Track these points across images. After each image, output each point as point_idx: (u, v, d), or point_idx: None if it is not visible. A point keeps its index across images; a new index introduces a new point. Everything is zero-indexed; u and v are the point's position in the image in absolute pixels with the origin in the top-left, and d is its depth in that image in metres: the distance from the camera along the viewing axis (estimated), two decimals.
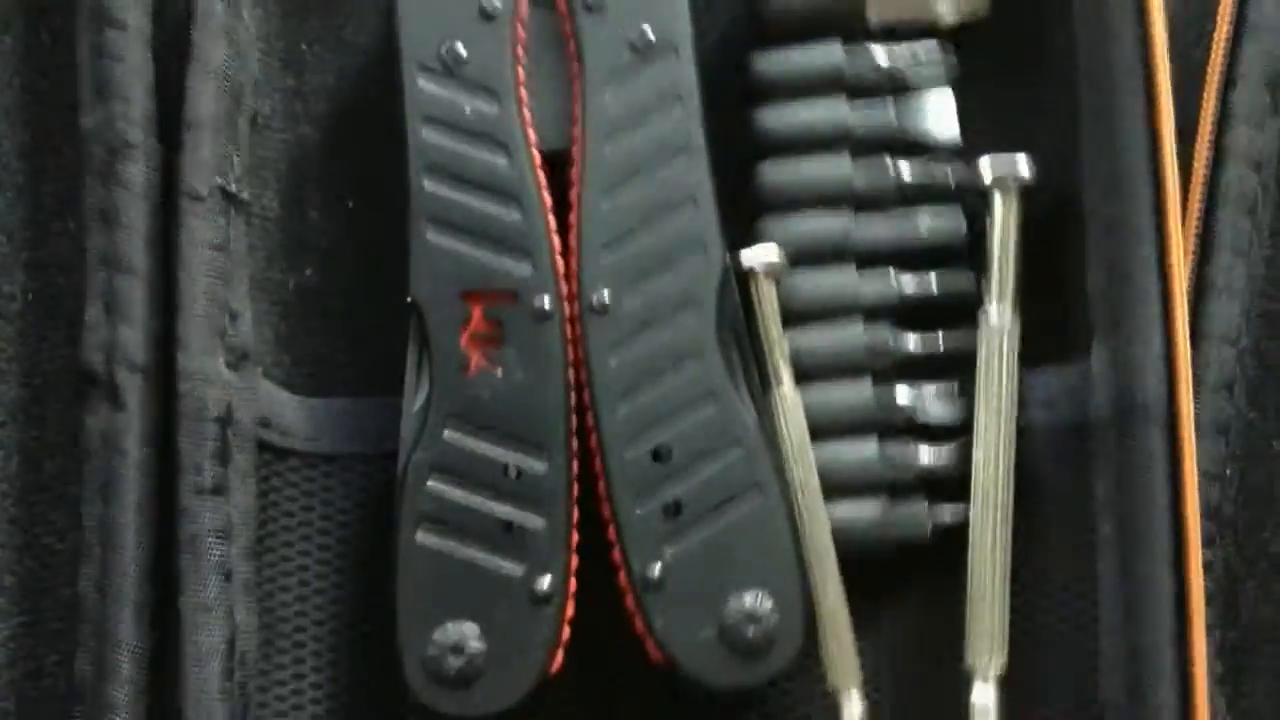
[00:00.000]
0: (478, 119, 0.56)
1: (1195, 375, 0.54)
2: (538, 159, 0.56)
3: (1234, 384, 0.55)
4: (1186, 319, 0.53)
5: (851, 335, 0.58)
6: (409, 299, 0.56)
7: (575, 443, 0.55)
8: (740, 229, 0.58)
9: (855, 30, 0.59)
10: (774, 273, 0.58)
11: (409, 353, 0.56)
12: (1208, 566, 0.54)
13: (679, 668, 0.55)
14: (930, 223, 0.59)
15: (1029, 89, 0.60)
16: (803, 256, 0.58)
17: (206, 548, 0.55)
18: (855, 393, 0.58)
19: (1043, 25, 0.59)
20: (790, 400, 0.57)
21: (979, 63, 0.60)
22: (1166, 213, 0.54)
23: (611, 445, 0.55)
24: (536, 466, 0.55)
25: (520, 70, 0.57)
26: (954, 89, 0.59)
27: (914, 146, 0.59)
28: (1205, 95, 0.58)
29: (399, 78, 0.57)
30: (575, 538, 0.55)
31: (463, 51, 0.56)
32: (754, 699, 0.57)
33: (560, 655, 0.55)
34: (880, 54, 0.59)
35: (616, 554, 0.55)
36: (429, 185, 0.56)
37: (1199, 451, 0.54)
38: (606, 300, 0.56)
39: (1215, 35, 0.58)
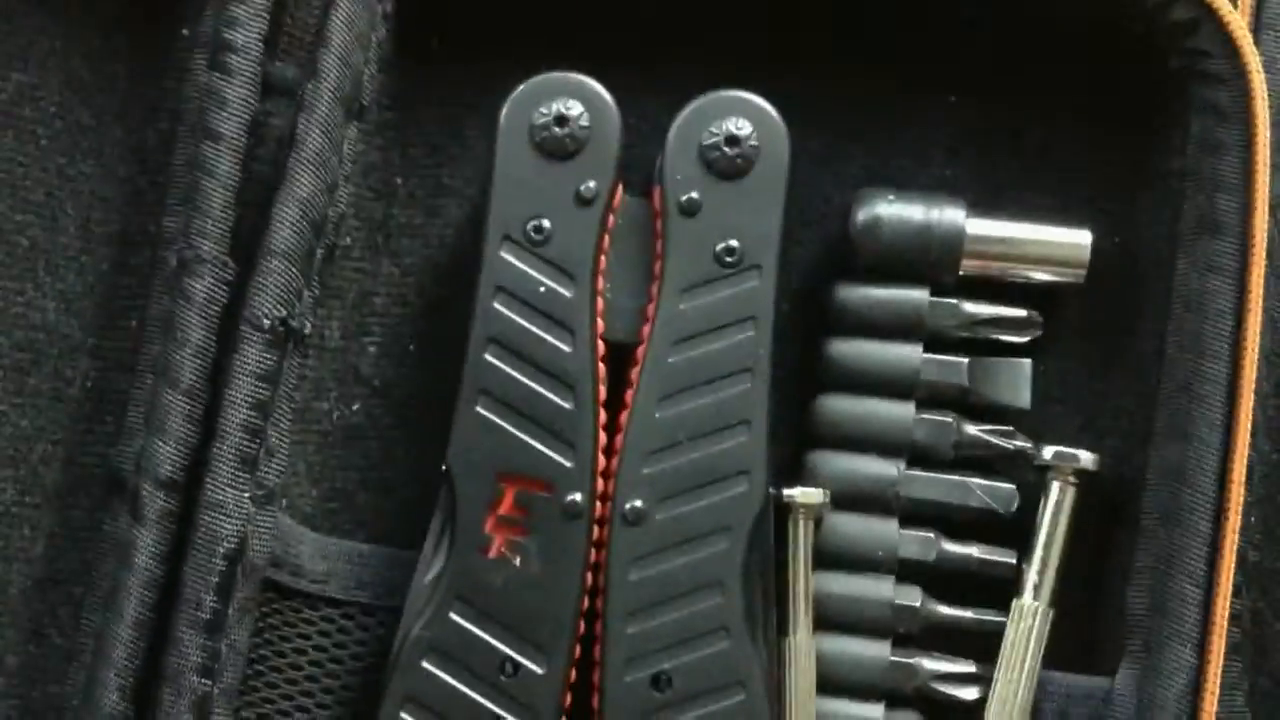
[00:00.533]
0: (551, 299, 0.56)
1: None
2: (602, 349, 0.55)
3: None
4: (1220, 664, 0.53)
5: (881, 591, 0.57)
6: (444, 466, 0.55)
7: (579, 649, 0.54)
8: (790, 456, 0.58)
9: (946, 278, 0.58)
10: (814, 514, 0.57)
11: (433, 520, 0.55)
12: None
13: None
14: (981, 492, 0.57)
15: (1108, 374, 0.59)
16: (846, 499, 0.57)
17: (189, 684, 0.54)
18: (873, 653, 0.56)
19: (1136, 318, 0.58)
20: (804, 650, 0.56)
21: (1065, 335, 0.59)
22: (1223, 553, 0.53)
23: (613, 663, 0.54)
24: (534, 667, 0.54)
25: (603, 258, 0.56)
26: (1034, 357, 0.58)
27: (982, 409, 0.58)
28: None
29: (482, 241, 0.56)
30: None
31: (549, 228, 0.55)
32: None
33: None
34: (965, 310, 0.58)
35: None
36: (488, 356, 0.56)
37: None
38: (640, 509, 0.55)
39: None
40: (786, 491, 0.56)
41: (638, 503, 0.54)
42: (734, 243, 0.56)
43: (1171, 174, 0.57)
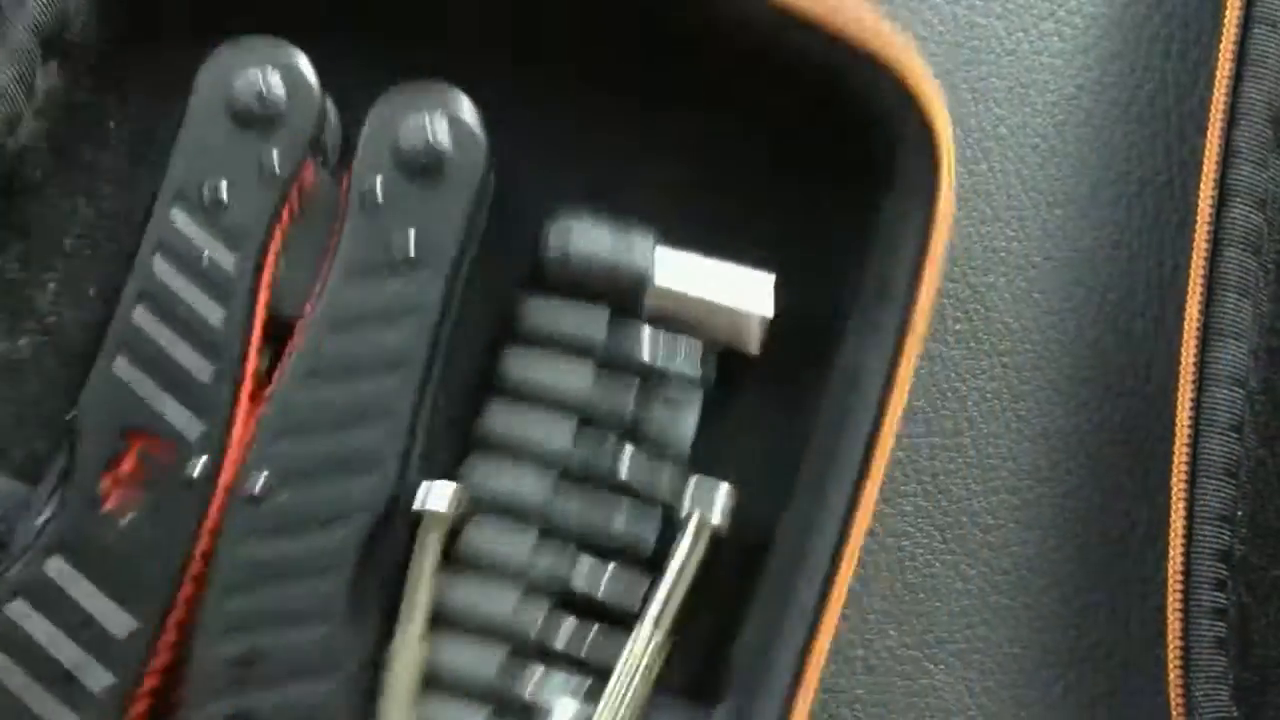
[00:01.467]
0: (212, 267, 0.55)
1: (1204, 417, 0.55)
2: (258, 327, 0.55)
3: (1243, 425, 0.55)
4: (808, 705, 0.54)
5: (503, 602, 0.56)
6: (72, 414, 0.54)
7: (171, 618, 0.54)
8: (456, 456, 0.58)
9: (633, 305, 0.58)
10: (440, 521, 0.56)
11: (52, 465, 0.55)
12: (1220, 611, 0.54)
13: None
14: (624, 523, 0.57)
15: (774, 429, 0.59)
16: (494, 506, 0.57)
17: None
18: (483, 660, 0.56)
19: (799, 395, 0.59)
20: (411, 648, 0.55)
21: (737, 384, 0.59)
22: (830, 596, 0.54)
23: (206, 634, 0.54)
24: (123, 625, 0.53)
25: (279, 233, 0.55)
26: (705, 398, 0.58)
27: (644, 439, 0.58)
28: (1209, 133, 0.58)
29: (154, 196, 0.55)
30: (138, 709, 0.53)
31: (226, 197, 0.55)
32: None
33: None
34: (645, 338, 0.58)
35: None
36: (137, 314, 0.55)
37: (1210, 493, 0.55)
38: (259, 487, 0.54)
39: (1217, 72, 0.58)
40: (418, 500, 0.56)
41: (260, 480, 0.54)
42: (410, 240, 0.55)
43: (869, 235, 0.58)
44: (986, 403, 0.63)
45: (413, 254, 0.55)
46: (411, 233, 0.56)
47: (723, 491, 0.57)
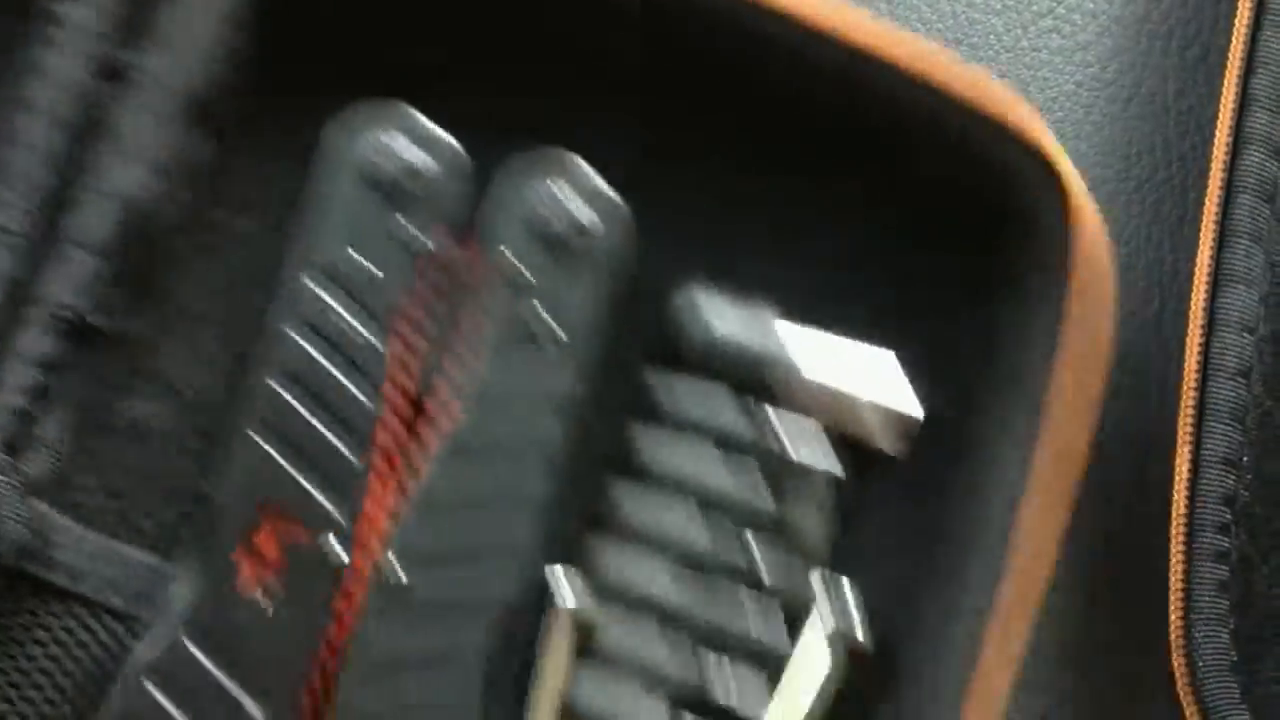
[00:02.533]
0: (351, 340, 0.53)
1: (1212, 361, 0.56)
2: (400, 405, 0.54)
3: (1250, 371, 0.55)
4: None
5: (634, 702, 0.54)
6: (206, 489, 0.54)
7: (305, 701, 0.53)
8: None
9: (764, 388, 0.56)
10: (570, 619, 0.54)
11: (185, 541, 0.54)
12: (1223, 554, 0.55)
13: None
14: (759, 626, 0.55)
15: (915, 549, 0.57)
16: (623, 598, 0.55)
17: None
18: None
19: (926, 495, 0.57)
20: None
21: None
22: None
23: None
24: (255, 713, 0.52)
25: (422, 310, 0.54)
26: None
27: (781, 536, 0.56)
28: (1226, 80, 0.58)
29: (287, 262, 0.54)
30: None
31: (365, 265, 0.54)
32: None
33: None
34: (782, 429, 0.56)
35: None
36: (276, 385, 0.53)
37: (1217, 436, 0.55)
38: (403, 579, 0.53)
39: (1236, 20, 0.58)
40: (554, 583, 0.54)
41: (404, 570, 0.53)
42: (548, 317, 0.54)
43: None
44: None
45: (562, 336, 0.54)
46: (551, 309, 0.54)
47: (854, 619, 0.55)
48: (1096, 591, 0.62)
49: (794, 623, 0.55)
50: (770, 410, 0.55)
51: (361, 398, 0.53)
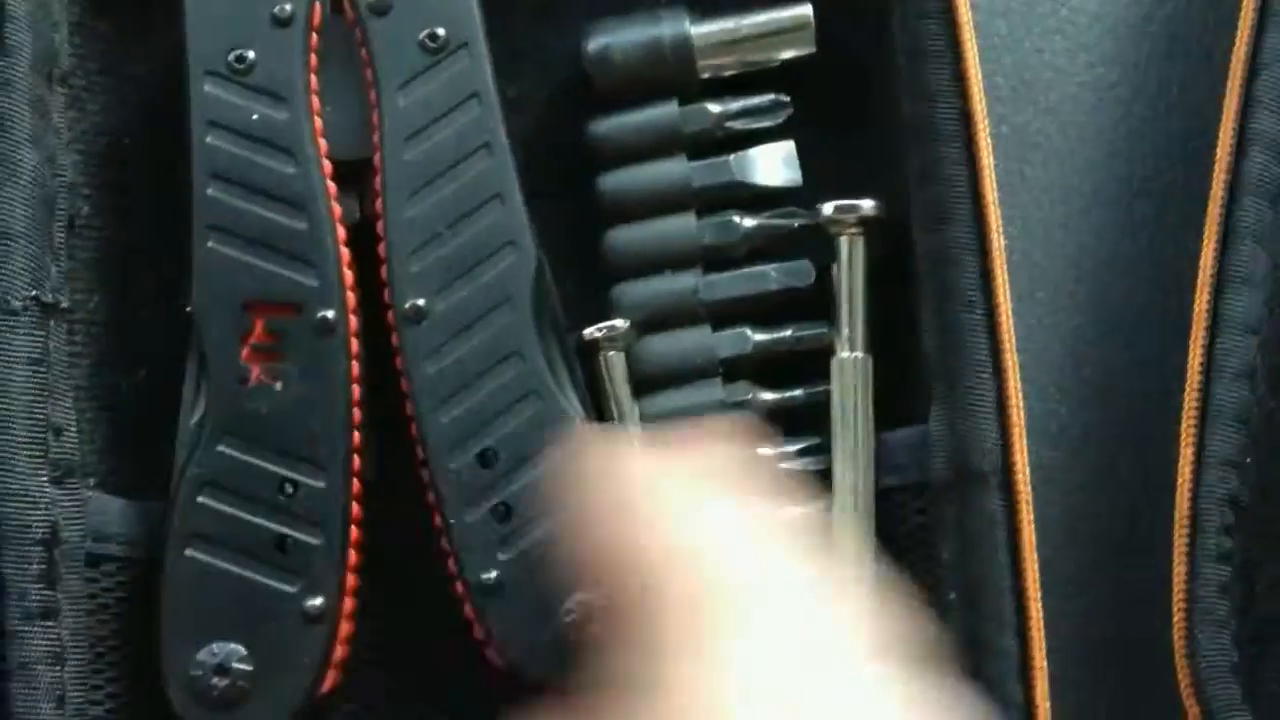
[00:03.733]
0: (264, 125, 0.56)
1: (1215, 362, 0.56)
2: (328, 168, 0.57)
3: (1254, 373, 0.55)
4: (1018, 381, 0.56)
5: (712, 395, 0.59)
6: (188, 309, 0.56)
7: (356, 460, 0.56)
8: (595, 300, 0.60)
9: (689, 86, 0.60)
10: (617, 342, 0.59)
11: (188, 365, 0.56)
12: (1225, 555, 0.55)
13: (520, 671, 0.55)
14: (779, 275, 0.60)
15: (864, 135, 0.62)
16: (657, 320, 0.60)
17: (36, 675, 0.54)
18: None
19: (869, 79, 0.61)
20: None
21: (814, 107, 0.62)
22: (994, 276, 0.57)
23: (437, 454, 0.55)
24: (314, 483, 0.55)
25: (313, 78, 0.57)
26: (793, 136, 0.61)
27: (759, 199, 0.60)
28: (1229, 82, 0.58)
29: (186, 86, 0.57)
30: (354, 557, 0.55)
31: (252, 57, 0.56)
32: None
33: (333, 675, 0.55)
34: (715, 109, 0.60)
35: (451, 563, 0.55)
36: (213, 191, 0.56)
37: (1219, 438, 0.55)
38: (421, 306, 0.56)
39: (1239, 22, 0.58)
40: (586, 332, 0.59)
41: (417, 301, 0.56)
42: (436, 29, 0.57)
43: None
44: None
45: (446, 39, 0.57)
46: (433, 21, 0.57)
47: (860, 204, 0.59)
48: (1098, 592, 0.62)
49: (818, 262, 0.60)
50: (704, 104, 0.60)
51: (294, 173, 0.56)
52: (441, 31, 0.56)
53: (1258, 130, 0.57)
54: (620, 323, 0.59)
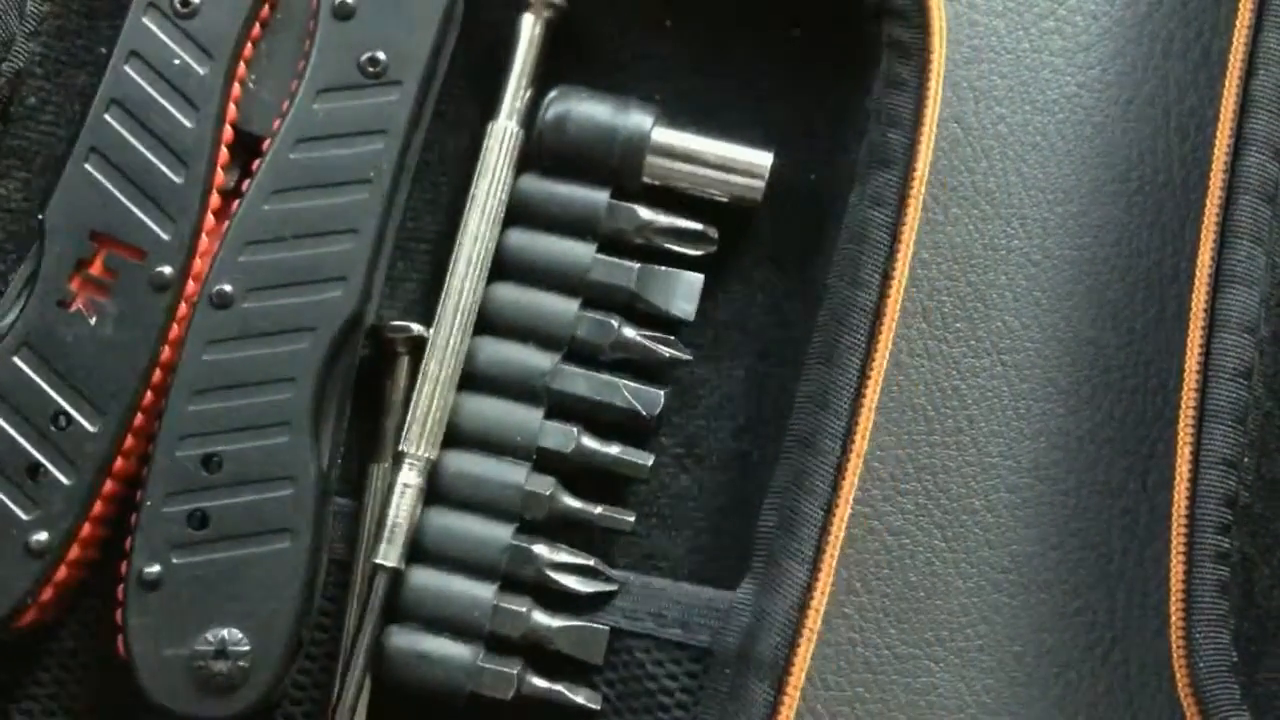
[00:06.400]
0: (182, 73, 0.56)
1: (1213, 362, 0.56)
2: (228, 134, 0.56)
3: (1251, 372, 0.55)
4: (829, 581, 0.55)
5: (512, 476, 0.58)
6: (40, 217, 0.55)
7: (139, 420, 0.55)
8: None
9: (631, 182, 0.60)
10: (411, 345, 0.59)
11: (20, 270, 0.56)
12: (1223, 555, 0.55)
13: (135, 676, 0.54)
14: (629, 395, 0.59)
15: (788, 302, 0.61)
16: (500, 385, 0.59)
17: None
18: (495, 534, 0.58)
19: (816, 251, 0.60)
20: (385, 478, 0.58)
21: (751, 261, 0.61)
22: (845, 476, 0.56)
23: (168, 436, 0.55)
24: (87, 425, 0.55)
25: (251, 46, 0.57)
26: (719, 278, 0.60)
27: (647, 317, 0.60)
28: (1227, 82, 0.58)
29: (127, 8, 0.57)
30: (102, 509, 0.55)
31: (198, 3, 0.56)
32: None
33: (34, 613, 0.54)
34: (644, 215, 0.59)
35: (128, 541, 0.55)
36: (108, 117, 0.56)
37: (1218, 437, 0.55)
38: (228, 294, 0.55)
39: (1237, 23, 0.58)
40: (392, 324, 0.58)
41: (227, 287, 0.55)
42: (380, 54, 0.56)
43: (866, 111, 0.59)
44: (987, 401, 0.63)
45: (385, 68, 0.56)
46: (383, 46, 0.56)
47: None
48: (1096, 592, 0.62)
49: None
50: (636, 206, 0.59)
51: (196, 129, 0.56)
52: (383, 58, 0.56)
53: (1255, 130, 0.57)
54: (415, 326, 0.59)
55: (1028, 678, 0.62)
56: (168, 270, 0.55)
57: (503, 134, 0.59)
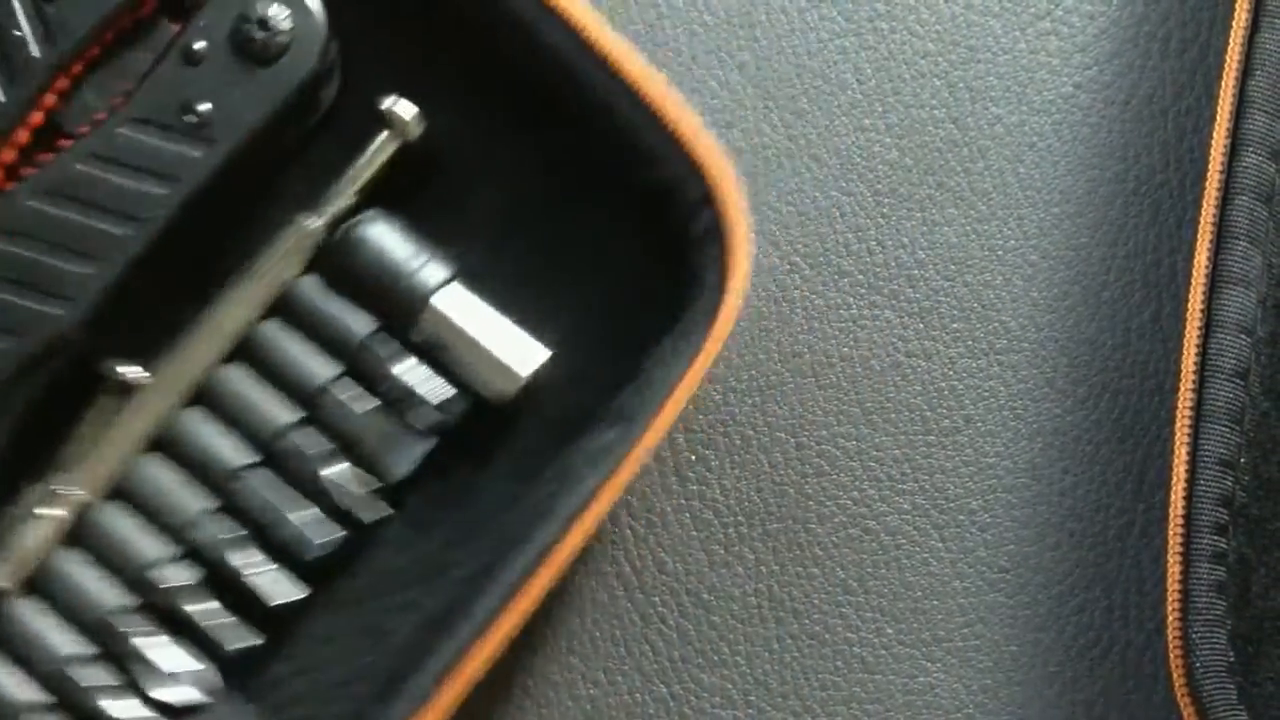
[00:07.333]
0: (18, 48, 0.55)
1: (1210, 362, 0.56)
2: (38, 119, 0.55)
3: (1248, 373, 0.56)
4: None
5: (157, 554, 0.57)
6: None
7: None
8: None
9: (405, 326, 0.57)
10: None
11: None
12: (1220, 555, 0.55)
13: None
14: (296, 527, 0.57)
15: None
16: (187, 456, 0.57)
17: None
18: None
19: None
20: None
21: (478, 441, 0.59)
22: None
23: None
24: None
25: (99, 48, 0.56)
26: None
27: (348, 444, 0.57)
28: (1223, 82, 0.58)
29: None
30: None
31: None
32: None
33: None
34: (390, 364, 0.57)
35: None
36: None
37: (1214, 438, 0.55)
38: None
39: (1233, 23, 0.58)
40: (110, 362, 0.56)
41: None
42: (206, 108, 0.55)
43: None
44: (984, 401, 0.63)
45: (207, 114, 0.55)
46: (214, 100, 0.55)
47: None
48: (1092, 591, 0.62)
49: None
50: (401, 348, 0.57)
51: (6, 102, 0.55)
52: (207, 111, 0.56)
53: (1251, 131, 0.57)
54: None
55: (1025, 678, 0.62)
56: None
57: (304, 228, 0.57)
